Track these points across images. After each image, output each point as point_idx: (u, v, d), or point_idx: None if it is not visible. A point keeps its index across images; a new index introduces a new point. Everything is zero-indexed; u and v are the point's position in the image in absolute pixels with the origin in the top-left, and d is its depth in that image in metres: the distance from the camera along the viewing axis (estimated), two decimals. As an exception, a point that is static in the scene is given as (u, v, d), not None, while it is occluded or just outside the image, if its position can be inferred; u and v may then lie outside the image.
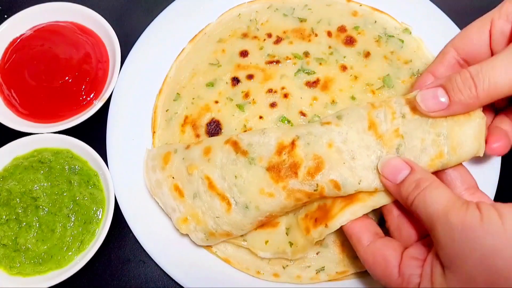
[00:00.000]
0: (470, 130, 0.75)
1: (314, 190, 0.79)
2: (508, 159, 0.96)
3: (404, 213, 0.78)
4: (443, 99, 0.73)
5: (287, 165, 0.80)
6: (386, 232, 0.80)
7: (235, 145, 0.85)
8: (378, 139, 0.78)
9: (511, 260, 0.58)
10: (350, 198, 0.79)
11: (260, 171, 0.81)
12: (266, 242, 0.88)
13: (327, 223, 0.79)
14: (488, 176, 0.94)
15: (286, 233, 0.87)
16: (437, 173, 0.77)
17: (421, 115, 0.77)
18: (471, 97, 0.71)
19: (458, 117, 0.75)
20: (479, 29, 0.81)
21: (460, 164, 0.79)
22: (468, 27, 0.83)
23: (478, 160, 0.94)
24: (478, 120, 0.75)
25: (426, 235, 0.75)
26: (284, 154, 0.81)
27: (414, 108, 0.77)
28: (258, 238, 0.89)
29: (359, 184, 0.77)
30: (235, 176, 0.82)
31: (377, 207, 0.79)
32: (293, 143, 0.81)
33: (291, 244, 0.85)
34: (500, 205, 0.62)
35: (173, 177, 0.88)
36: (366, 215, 0.80)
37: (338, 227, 0.78)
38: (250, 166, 0.82)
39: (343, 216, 0.78)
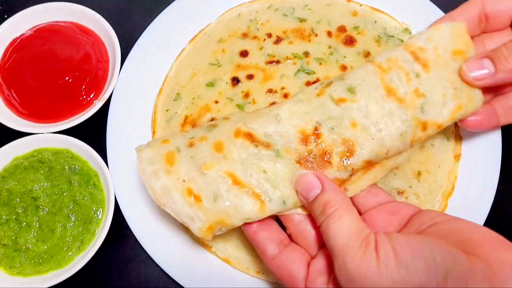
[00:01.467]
0: None
1: (350, 175, 0.77)
2: (509, 158, 0.97)
3: (307, 217, 0.77)
4: (490, 68, 0.79)
5: (317, 155, 0.76)
6: None
7: (250, 137, 0.78)
8: (400, 103, 0.78)
9: None
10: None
11: (290, 163, 0.76)
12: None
13: (347, 186, 0.78)
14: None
15: None
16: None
17: (436, 71, 0.80)
18: None
19: None
20: None
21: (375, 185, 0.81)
22: None
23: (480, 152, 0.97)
24: None
25: None
26: (310, 143, 0.77)
27: (426, 64, 0.80)
28: None
29: (387, 154, 0.78)
30: (264, 171, 0.76)
31: (394, 167, 0.81)
32: (316, 131, 0.77)
33: None
34: (398, 243, 0.62)
35: (184, 180, 0.76)
36: (273, 220, 0.78)
37: (359, 191, 0.79)
38: (277, 159, 0.76)
39: (363, 180, 0.79)
